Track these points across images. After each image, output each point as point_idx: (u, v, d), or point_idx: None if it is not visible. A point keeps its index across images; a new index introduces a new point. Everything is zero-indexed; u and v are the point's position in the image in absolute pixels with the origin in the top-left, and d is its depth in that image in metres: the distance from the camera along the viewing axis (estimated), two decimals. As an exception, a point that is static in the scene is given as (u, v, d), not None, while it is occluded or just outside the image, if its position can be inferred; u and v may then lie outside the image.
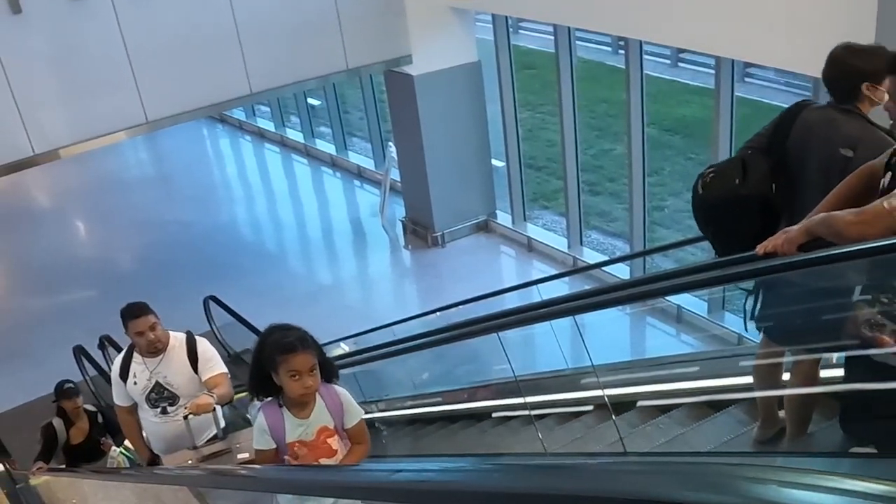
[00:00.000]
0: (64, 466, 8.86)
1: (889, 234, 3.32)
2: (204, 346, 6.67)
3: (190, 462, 6.36)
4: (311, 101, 20.40)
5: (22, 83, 10.55)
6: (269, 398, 4.53)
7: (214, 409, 6.26)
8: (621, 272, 11.82)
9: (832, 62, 4.64)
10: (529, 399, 7.01)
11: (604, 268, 11.63)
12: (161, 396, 6.53)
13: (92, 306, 14.39)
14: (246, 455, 5.84)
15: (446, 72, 13.49)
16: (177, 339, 6.65)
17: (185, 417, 6.16)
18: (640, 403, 6.69)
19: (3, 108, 10.43)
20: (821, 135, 4.57)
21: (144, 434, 6.86)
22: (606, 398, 6.20)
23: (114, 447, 8.79)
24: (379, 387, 9.13)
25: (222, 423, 6.65)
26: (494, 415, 8.02)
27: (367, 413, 5.69)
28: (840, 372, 4.34)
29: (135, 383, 6.55)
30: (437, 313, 9.41)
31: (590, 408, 6.96)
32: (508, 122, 13.96)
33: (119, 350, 10.02)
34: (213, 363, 6.60)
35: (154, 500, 6.73)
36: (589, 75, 19.49)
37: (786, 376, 4.85)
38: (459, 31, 13.48)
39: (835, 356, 4.41)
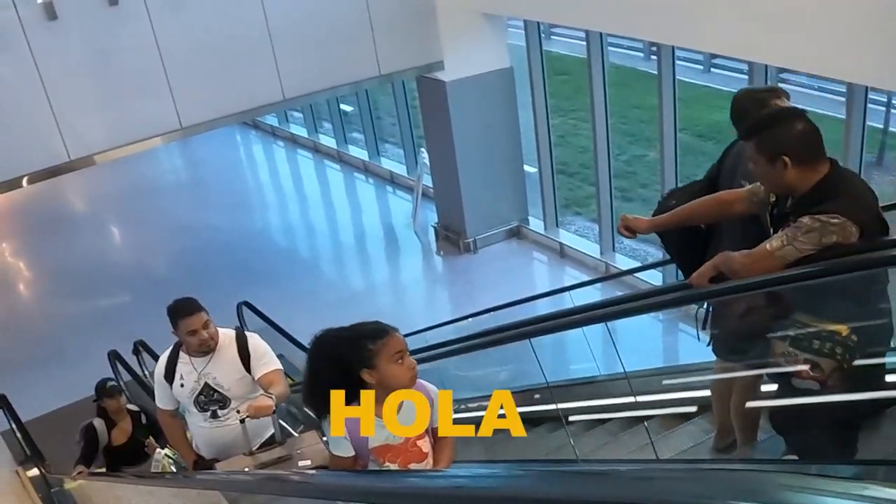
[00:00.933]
0: (104, 470, 8.57)
1: (774, 270, 4.10)
2: (255, 342, 6.22)
3: (247, 470, 5.70)
4: (343, 107, 20.46)
5: (58, 89, 10.64)
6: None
7: (274, 412, 5.68)
8: (654, 278, 11.78)
9: (732, 104, 5.34)
10: (641, 398, 6.69)
11: (636, 274, 11.59)
12: (211, 399, 6.08)
13: (126, 311, 14.52)
14: (308, 462, 5.48)
15: (478, 78, 13.49)
16: (226, 336, 6.20)
17: (242, 421, 5.62)
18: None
19: (40, 113, 10.53)
20: (736, 166, 5.11)
21: (191, 438, 6.47)
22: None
23: (158, 449, 7.92)
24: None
25: (276, 427, 5.94)
26: (573, 418, 7.73)
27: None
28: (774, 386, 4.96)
29: (181, 385, 6.11)
30: (469, 319, 9.40)
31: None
32: (540, 127, 13.94)
33: (153, 355, 10.13)
34: (267, 359, 6.14)
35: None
36: (621, 81, 19.43)
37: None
38: (491, 37, 13.48)
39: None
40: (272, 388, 5.78)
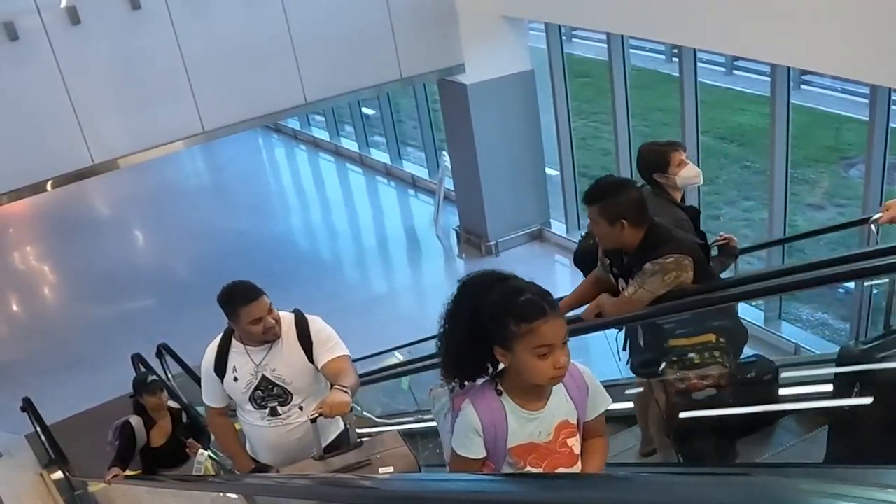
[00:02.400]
0: (140, 472, 7.98)
1: (637, 310, 5.17)
2: (318, 326, 5.38)
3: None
4: (365, 110, 20.48)
5: (81, 93, 10.70)
6: (476, 384, 3.27)
7: (351, 409, 4.80)
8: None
9: (638, 156, 6.43)
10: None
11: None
12: (269, 394, 5.30)
13: (150, 314, 14.59)
14: (390, 469, 4.62)
15: (499, 81, 13.49)
16: (285, 320, 5.36)
17: (313, 421, 4.71)
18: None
19: (63, 117, 10.59)
20: None
21: (244, 441, 5.71)
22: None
23: (201, 450, 7.35)
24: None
25: (352, 427, 5.08)
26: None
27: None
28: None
29: (235, 379, 5.33)
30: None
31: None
32: (562, 130, 13.93)
33: (177, 358, 10.15)
34: (332, 343, 5.27)
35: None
36: (642, 84, 19.38)
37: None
38: (512, 39, 13.48)
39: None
40: (342, 378, 4.92)
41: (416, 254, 16.69)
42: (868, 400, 4.45)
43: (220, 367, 5.37)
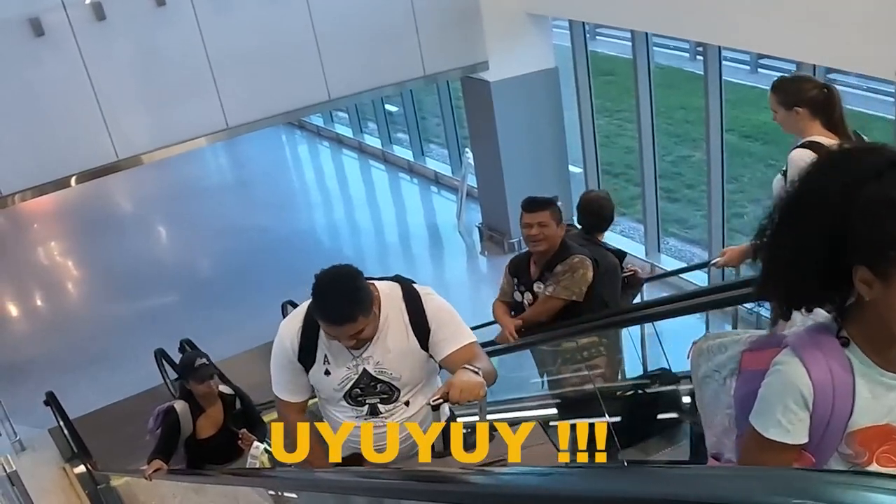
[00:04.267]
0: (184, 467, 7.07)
1: (556, 309, 6.17)
2: (435, 304, 4.22)
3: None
4: (388, 107, 20.50)
5: (106, 89, 10.74)
6: (795, 328, 2.19)
7: (485, 395, 3.70)
8: (699, 279, 11.71)
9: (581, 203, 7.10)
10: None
11: (681, 275, 11.53)
12: (371, 391, 4.18)
13: (173, 311, 14.62)
14: None
15: (523, 78, 13.46)
16: (390, 299, 4.16)
17: (436, 408, 3.83)
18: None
19: (88, 113, 10.63)
20: None
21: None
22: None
23: (256, 443, 6.58)
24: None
25: (483, 417, 4.09)
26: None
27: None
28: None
29: (327, 373, 4.19)
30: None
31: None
32: (586, 128, 13.89)
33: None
34: (454, 328, 4.19)
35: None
36: (667, 81, 19.33)
37: None
38: (536, 37, 13.45)
39: None
40: (476, 364, 3.81)
41: (438, 251, 16.69)
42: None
43: (307, 353, 4.22)
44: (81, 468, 9.56)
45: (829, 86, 4.99)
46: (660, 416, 6.33)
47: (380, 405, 4.19)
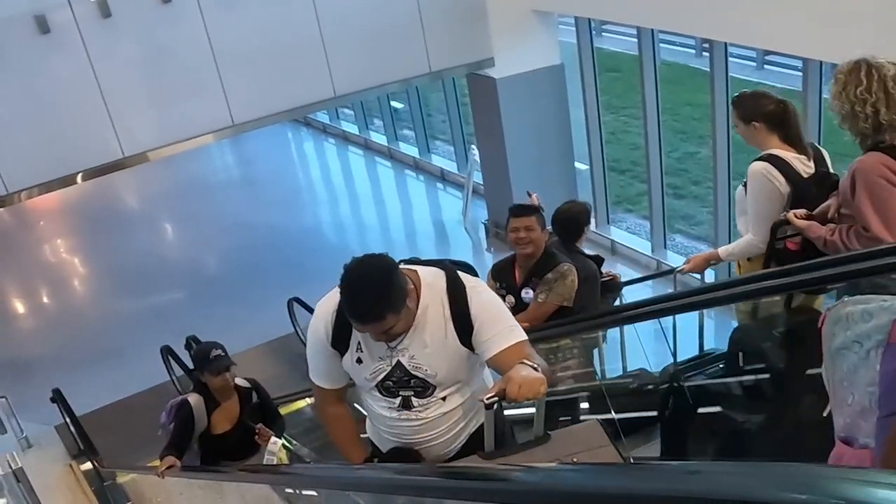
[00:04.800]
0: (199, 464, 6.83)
1: (548, 314, 6.50)
2: (482, 298, 3.81)
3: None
4: (394, 104, 20.50)
5: (112, 86, 10.75)
6: None
7: (544, 397, 3.43)
8: (705, 275, 11.69)
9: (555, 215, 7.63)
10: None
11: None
12: (404, 384, 3.87)
13: (179, 308, 14.63)
14: None
15: (529, 75, 13.44)
16: (431, 288, 3.83)
17: (490, 406, 3.41)
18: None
19: (94, 110, 10.65)
20: None
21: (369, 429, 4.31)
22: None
23: (273, 438, 6.39)
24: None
25: (541, 416, 3.73)
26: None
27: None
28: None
29: (359, 361, 3.89)
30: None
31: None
32: (592, 125, 13.87)
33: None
34: (503, 325, 3.73)
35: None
36: (673, 78, 19.30)
37: None
38: (542, 33, 13.43)
39: None
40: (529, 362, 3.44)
41: (444, 247, 16.66)
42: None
43: (341, 340, 3.93)
44: (88, 465, 9.58)
45: (785, 101, 5.33)
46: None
47: (413, 399, 3.88)
